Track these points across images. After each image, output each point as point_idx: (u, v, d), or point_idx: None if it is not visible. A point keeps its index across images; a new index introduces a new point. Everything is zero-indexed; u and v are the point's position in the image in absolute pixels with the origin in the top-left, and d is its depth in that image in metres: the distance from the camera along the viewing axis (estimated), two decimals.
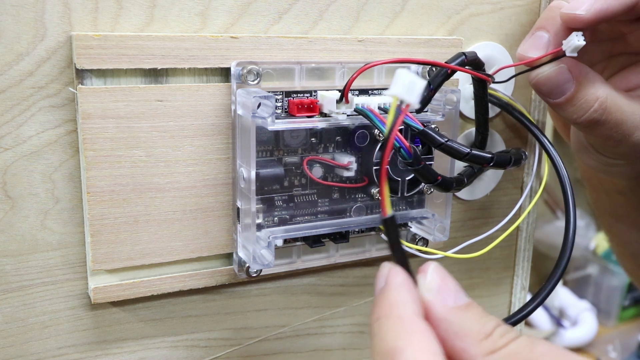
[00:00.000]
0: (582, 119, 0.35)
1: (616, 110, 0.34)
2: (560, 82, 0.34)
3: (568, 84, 0.34)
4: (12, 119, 0.29)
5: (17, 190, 0.30)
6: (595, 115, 0.34)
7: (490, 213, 0.44)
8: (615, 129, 0.35)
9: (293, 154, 0.34)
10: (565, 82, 0.34)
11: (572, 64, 0.34)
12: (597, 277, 1.34)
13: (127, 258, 0.32)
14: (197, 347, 0.37)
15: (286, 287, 0.39)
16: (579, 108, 0.34)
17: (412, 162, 0.31)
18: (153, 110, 0.31)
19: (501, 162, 0.35)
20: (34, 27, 0.29)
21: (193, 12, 0.32)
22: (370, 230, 0.38)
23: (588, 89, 0.34)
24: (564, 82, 0.34)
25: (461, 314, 0.25)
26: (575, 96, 0.34)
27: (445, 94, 0.36)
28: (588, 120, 0.35)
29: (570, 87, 0.34)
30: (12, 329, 0.32)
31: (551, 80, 0.34)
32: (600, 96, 0.34)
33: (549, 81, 0.34)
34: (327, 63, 0.34)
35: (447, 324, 0.24)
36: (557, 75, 0.34)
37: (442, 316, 0.25)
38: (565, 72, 0.34)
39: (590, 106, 0.34)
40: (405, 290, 0.25)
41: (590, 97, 0.34)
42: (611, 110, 0.34)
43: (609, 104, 0.34)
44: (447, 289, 0.25)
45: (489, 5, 0.39)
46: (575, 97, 0.34)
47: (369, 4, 0.36)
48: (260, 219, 0.34)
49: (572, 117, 0.35)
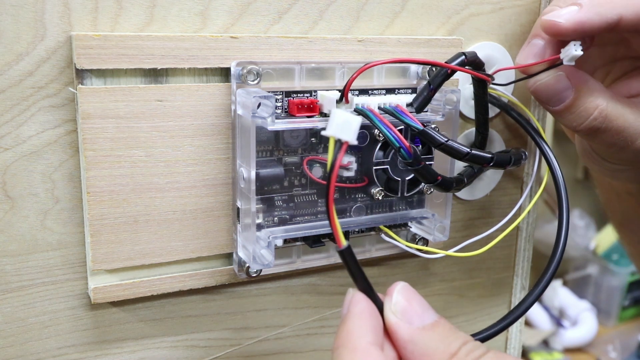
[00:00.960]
0: (582, 127, 0.35)
1: (617, 118, 0.34)
2: (558, 90, 0.34)
3: (567, 91, 0.34)
4: (12, 119, 0.29)
5: (17, 190, 0.30)
6: (595, 123, 0.34)
7: (490, 213, 0.44)
8: (617, 136, 0.35)
9: (293, 154, 0.34)
10: (564, 90, 0.34)
11: (571, 72, 0.34)
12: (597, 277, 1.34)
13: (127, 258, 0.32)
14: (197, 347, 0.37)
15: (286, 287, 0.39)
16: (578, 116, 0.34)
17: (412, 162, 0.31)
18: (153, 110, 0.31)
19: (501, 162, 0.35)
20: (34, 27, 0.29)
21: (193, 12, 0.32)
22: (370, 230, 0.38)
23: (587, 97, 0.34)
24: (562, 89, 0.34)
25: (426, 334, 0.25)
26: (574, 104, 0.34)
27: (445, 94, 0.36)
28: (588, 128, 0.34)
29: (569, 94, 0.34)
30: (12, 329, 0.32)
31: (549, 87, 0.34)
32: (600, 104, 0.34)
33: (548, 88, 0.34)
34: (327, 63, 0.34)
35: (412, 345, 0.25)
36: (556, 83, 0.34)
37: (407, 338, 0.25)
38: (563, 80, 0.34)
39: (589, 114, 0.34)
40: (364, 319, 0.25)
41: (589, 105, 0.34)
42: (612, 118, 0.34)
43: (609, 111, 0.34)
44: (412, 310, 0.26)
45: (489, 5, 0.39)
46: (574, 105, 0.34)
47: (369, 4, 0.36)
48: (260, 219, 0.34)
49: (571, 124, 0.35)
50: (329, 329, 0.41)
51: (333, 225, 0.25)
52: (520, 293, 0.47)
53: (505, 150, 0.41)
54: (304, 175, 0.35)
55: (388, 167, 0.36)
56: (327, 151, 0.35)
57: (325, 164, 0.35)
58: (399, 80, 0.36)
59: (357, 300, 0.26)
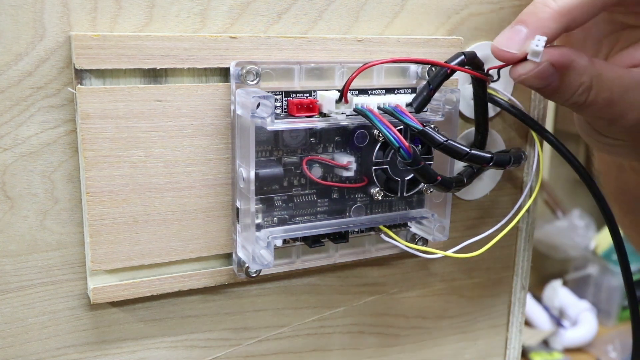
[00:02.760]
0: (568, 103, 0.35)
1: (604, 91, 0.34)
2: (543, 78, 0.33)
3: (552, 77, 0.34)
4: (11, 119, 0.29)
5: (16, 190, 0.30)
6: (579, 99, 0.34)
7: (490, 213, 0.44)
8: (605, 109, 0.35)
9: (292, 154, 0.34)
10: (548, 76, 0.34)
11: (556, 56, 0.33)
12: (597, 277, 1.34)
13: (126, 258, 0.32)
14: (197, 347, 0.37)
15: (286, 287, 0.39)
16: (562, 94, 0.34)
17: (411, 162, 0.31)
18: (152, 111, 0.31)
19: (501, 162, 0.35)
20: (33, 27, 0.29)
21: (192, 12, 0.32)
22: (370, 230, 0.38)
23: (572, 76, 0.34)
24: (547, 76, 0.33)
25: None
26: (560, 86, 0.34)
27: (445, 94, 0.35)
28: (573, 103, 0.35)
29: (554, 79, 0.34)
30: (11, 329, 0.32)
31: (535, 79, 0.34)
32: (585, 81, 0.34)
33: (534, 80, 0.34)
34: (326, 63, 0.34)
35: None
36: (541, 73, 0.33)
37: None
38: (548, 68, 0.33)
39: (574, 91, 0.34)
40: None
41: (573, 83, 0.34)
42: (598, 91, 0.34)
43: (594, 86, 0.34)
44: None
45: (488, 5, 0.39)
46: (560, 87, 0.34)
47: (369, 3, 0.36)
48: (259, 219, 0.34)
49: (558, 101, 0.36)
50: (329, 329, 0.41)
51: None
52: (520, 293, 0.47)
53: (505, 150, 0.41)
54: (303, 176, 0.35)
55: (387, 167, 0.36)
56: (327, 151, 0.35)
57: (324, 163, 0.35)
58: (399, 80, 0.36)
59: None
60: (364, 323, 0.42)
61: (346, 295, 0.41)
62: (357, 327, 0.42)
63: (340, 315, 0.41)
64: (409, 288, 0.43)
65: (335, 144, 0.35)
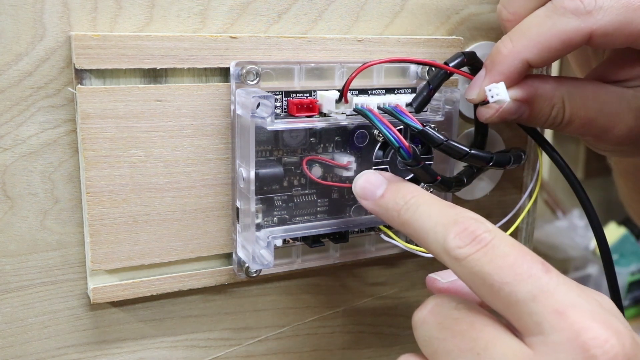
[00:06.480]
0: (546, 126, 0.35)
1: (579, 109, 0.34)
2: (511, 113, 0.34)
3: (520, 109, 0.34)
4: (12, 119, 0.29)
5: (17, 190, 0.30)
6: (555, 120, 0.34)
7: (490, 213, 0.44)
8: (586, 126, 0.35)
9: (292, 154, 0.34)
10: (516, 110, 0.34)
11: (518, 93, 0.33)
12: (597, 277, 1.34)
13: (126, 258, 0.32)
14: (197, 347, 0.37)
15: (286, 287, 0.39)
16: (537, 120, 0.34)
17: (411, 162, 0.31)
18: (152, 110, 0.31)
19: (501, 162, 0.35)
20: (33, 27, 0.29)
21: (192, 12, 0.32)
22: (370, 230, 0.38)
23: (540, 102, 0.34)
24: (514, 111, 0.34)
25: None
26: (531, 114, 0.34)
27: (445, 94, 0.36)
28: (550, 125, 0.35)
29: (524, 110, 0.34)
30: (11, 329, 0.32)
31: (502, 117, 0.34)
32: (556, 103, 0.34)
33: (501, 119, 0.34)
34: (326, 63, 0.34)
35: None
36: (506, 112, 0.33)
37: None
38: (512, 105, 0.33)
39: (547, 115, 0.34)
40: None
41: (544, 108, 0.34)
42: (572, 109, 0.34)
43: (566, 105, 0.34)
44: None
45: (488, 5, 0.39)
46: (531, 114, 0.34)
47: (369, 3, 0.36)
48: (259, 219, 0.34)
49: (536, 126, 0.36)
50: (328, 329, 0.41)
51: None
52: None
53: (505, 150, 0.41)
54: (303, 175, 0.35)
55: (387, 167, 0.36)
56: (327, 150, 0.35)
57: (324, 163, 0.35)
58: (399, 80, 0.36)
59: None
60: (364, 323, 0.42)
61: (346, 295, 0.41)
62: (357, 327, 0.42)
63: (340, 315, 0.41)
64: (409, 288, 0.43)
65: (335, 143, 0.35)
